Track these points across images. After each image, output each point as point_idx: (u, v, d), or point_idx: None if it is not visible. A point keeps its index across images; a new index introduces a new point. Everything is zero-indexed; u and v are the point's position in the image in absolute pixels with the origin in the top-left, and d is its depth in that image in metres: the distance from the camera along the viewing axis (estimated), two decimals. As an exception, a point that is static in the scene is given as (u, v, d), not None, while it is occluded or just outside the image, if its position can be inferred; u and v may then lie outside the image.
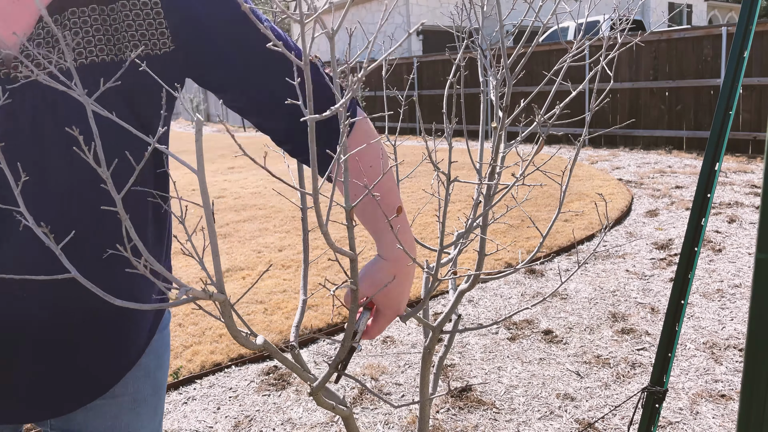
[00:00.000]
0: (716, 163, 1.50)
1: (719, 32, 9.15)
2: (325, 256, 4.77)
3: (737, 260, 4.33)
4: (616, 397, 2.66)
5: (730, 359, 2.93)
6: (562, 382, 2.80)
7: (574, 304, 3.72)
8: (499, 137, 0.88)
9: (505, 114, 0.85)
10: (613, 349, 3.10)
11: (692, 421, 2.45)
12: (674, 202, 6.22)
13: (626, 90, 10.38)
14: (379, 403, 2.72)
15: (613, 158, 9.40)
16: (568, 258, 4.64)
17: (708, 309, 3.52)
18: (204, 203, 0.48)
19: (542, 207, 6.09)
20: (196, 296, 0.57)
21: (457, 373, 2.94)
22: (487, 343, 3.26)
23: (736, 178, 7.24)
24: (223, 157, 12.20)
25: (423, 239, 5.23)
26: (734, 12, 29.51)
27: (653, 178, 7.61)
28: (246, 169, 10.27)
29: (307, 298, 0.93)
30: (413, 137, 13.91)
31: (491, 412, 2.60)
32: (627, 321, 3.42)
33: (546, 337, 3.28)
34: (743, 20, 1.43)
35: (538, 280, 4.19)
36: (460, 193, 6.78)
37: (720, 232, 5.05)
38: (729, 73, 1.48)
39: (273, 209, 6.73)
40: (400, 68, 14.24)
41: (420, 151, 10.34)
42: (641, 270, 4.25)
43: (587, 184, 7.12)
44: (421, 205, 6.43)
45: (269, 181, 8.73)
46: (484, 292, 4.01)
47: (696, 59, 9.47)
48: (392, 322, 3.60)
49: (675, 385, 2.73)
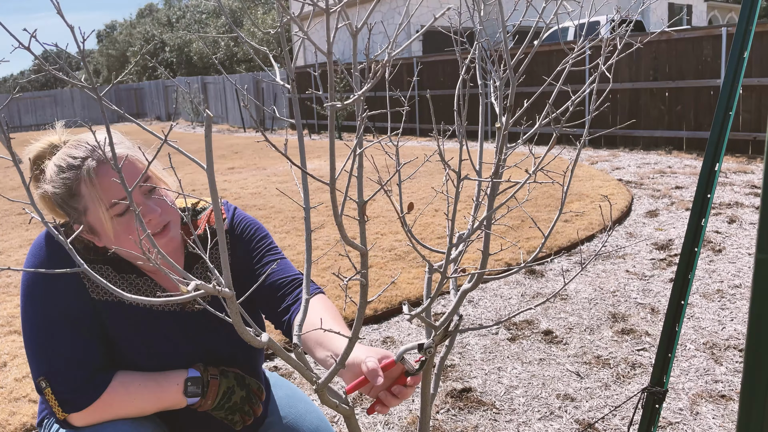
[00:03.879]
0: (716, 163, 1.50)
1: (719, 33, 9.16)
2: (326, 256, 4.77)
3: (737, 261, 4.33)
4: (616, 398, 2.66)
5: (730, 360, 2.93)
6: (562, 383, 2.81)
7: (574, 304, 3.72)
8: (503, 137, 0.89)
9: (508, 114, 0.86)
10: (613, 349, 3.10)
11: (692, 421, 2.46)
12: (674, 203, 6.23)
13: (626, 90, 10.39)
14: (379, 403, 2.72)
15: (614, 159, 9.41)
16: (569, 258, 4.64)
17: (708, 309, 3.53)
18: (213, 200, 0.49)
19: (542, 207, 6.09)
20: (206, 290, 0.58)
21: (457, 374, 2.94)
22: (487, 343, 3.26)
23: (736, 179, 7.24)
24: (223, 157, 12.20)
25: (423, 239, 5.24)
26: (734, 12, 29.52)
27: (653, 178, 7.62)
28: (246, 169, 10.27)
29: (309, 298, 0.93)
30: (414, 137, 13.91)
31: (491, 412, 2.60)
32: (627, 321, 3.42)
33: (546, 338, 3.28)
34: (743, 21, 1.43)
35: (538, 280, 4.19)
36: (461, 193, 6.78)
37: (720, 232, 5.06)
38: (729, 74, 1.48)
39: (273, 209, 6.73)
40: (401, 69, 14.24)
41: (420, 152, 10.34)
42: (641, 270, 4.25)
43: (587, 185, 7.13)
44: (422, 205, 6.43)
45: (269, 182, 8.73)
46: (484, 293, 4.02)
47: (696, 60, 9.48)
48: (392, 323, 3.61)
49: (675, 385, 2.73)
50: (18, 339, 3.49)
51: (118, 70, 41.74)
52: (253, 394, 1.39)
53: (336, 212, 0.62)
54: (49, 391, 1.25)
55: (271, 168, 10.21)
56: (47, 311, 1.28)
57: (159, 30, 39.38)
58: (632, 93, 10.34)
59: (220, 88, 22.79)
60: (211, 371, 1.35)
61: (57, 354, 1.26)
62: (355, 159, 0.64)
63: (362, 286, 0.76)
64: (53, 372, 1.25)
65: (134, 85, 30.34)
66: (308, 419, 1.59)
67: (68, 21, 0.69)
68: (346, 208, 6.56)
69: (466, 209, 6.14)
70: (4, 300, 4.18)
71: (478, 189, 0.97)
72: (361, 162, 0.67)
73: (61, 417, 1.27)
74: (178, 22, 39.66)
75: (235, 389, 1.35)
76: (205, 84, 23.72)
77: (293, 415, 1.58)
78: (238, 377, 1.37)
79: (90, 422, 1.27)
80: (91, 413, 1.27)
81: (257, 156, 12.12)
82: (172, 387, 1.31)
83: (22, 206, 7.55)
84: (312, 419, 1.59)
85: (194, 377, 1.32)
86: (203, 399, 1.32)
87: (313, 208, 0.74)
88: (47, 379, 1.25)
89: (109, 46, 43.82)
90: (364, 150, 0.66)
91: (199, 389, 1.32)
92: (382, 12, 20.43)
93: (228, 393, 1.34)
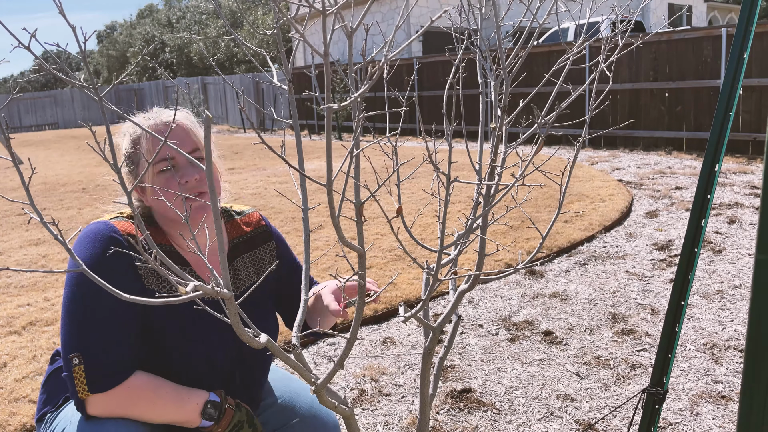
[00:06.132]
0: (716, 164, 1.50)
1: (719, 33, 9.16)
2: (325, 257, 4.77)
3: (737, 261, 4.33)
4: (616, 398, 2.66)
5: (731, 360, 2.93)
6: (562, 383, 2.80)
7: (574, 305, 3.72)
8: (498, 138, 0.88)
9: (503, 114, 0.86)
10: (614, 350, 3.10)
11: (692, 422, 2.46)
12: (674, 203, 6.23)
13: (626, 91, 10.39)
14: (379, 404, 2.72)
15: (613, 159, 9.41)
16: (569, 259, 4.64)
17: (708, 310, 3.53)
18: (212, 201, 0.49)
19: (542, 208, 6.09)
20: (205, 291, 0.58)
21: (457, 374, 2.94)
22: (487, 344, 3.26)
23: (736, 179, 7.24)
24: (222, 158, 12.17)
25: (423, 240, 5.24)
26: (734, 13, 29.52)
27: (653, 179, 7.62)
28: (246, 170, 10.27)
29: (308, 299, 0.93)
30: (413, 138, 13.91)
31: (491, 413, 2.60)
32: (627, 322, 3.42)
33: (546, 338, 3.28)
34: (743, 21, 1.43)
35: (538, 281, 4.19)
36: (460, 194, 6.78)
37: (720, 233, 5.06)
38: (729, 74, 1.48)
39: (273, 210, 6.73)
40: (401, 69, 14.25)
41: (420, 152, 10.35)
42: (641, 271, 4.25)
43: (587, 185, 7.12)
44: (422, 206, 6.43)
45: (269, 182, 8.73)
46: (484, 293, 4.01)
47: (696, 60, 9.48)
48: (392, 323, 3.60)
49: (675, 386, 2.73)
50: (18, 339, 3.49)
51: (119, 71, 41.75)
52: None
53: (333, 213, 0.62)
54: (81, 368, 1.26)
55: (271, 168, 10.21)
56: (97, 294, 1.30)
57: (159, 31, 39.38)
58: (632, 93, 10.34)
59: (220, 88, 22.80)
60: (228, 401, 1.38)
61: (97, 334, 1.28)
62: (352, 160, 0.64)
63: (360, 287, 0.76)
64: (89, 349, 1.27)
65: (134, 85, 30.35)
66: (303, 396, 1.64)
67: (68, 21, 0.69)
68: (345, 209, 6.55)
69: (466, 210, 6.14)
70: (4, 300, 4.18)
71: (477, 190, 0.97)
72: (358, 163, 0.67)
73: (83, 397, 1.27)
74: (179, 22, 39.66)
75: (244, 425, 1.38)
76: (205, 84, 23.73)
77: (289, 394, 1.63)
78: (249, 414, 1.40)
79: (108, 411, 1.28)
80: (113, 400, 1.28)
81: (257, 156, 12.12)
82: (192, 404, 1.34)
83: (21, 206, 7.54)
84: (307, 395, 1.63)
85: (214, 401, 1.36)
86: (216, 425, 1.34)
87: (311, 209, 0.74)
88: (82, 355, 1.26)
89: (109, 46, 43.84)
90: (360, 151, 0.66)
91: (216, 414, 1.34)
92: (383, 12, 20.44)
93: (237, 427, 1.37)
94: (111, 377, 1.27)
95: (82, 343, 1.27)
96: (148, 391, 1.31)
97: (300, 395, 1.63)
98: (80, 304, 1.29)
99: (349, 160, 0.61)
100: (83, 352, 1.27)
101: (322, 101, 0.69)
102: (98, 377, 1.26)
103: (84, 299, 1.29)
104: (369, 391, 2.83)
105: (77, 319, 1.29)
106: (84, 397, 1.27)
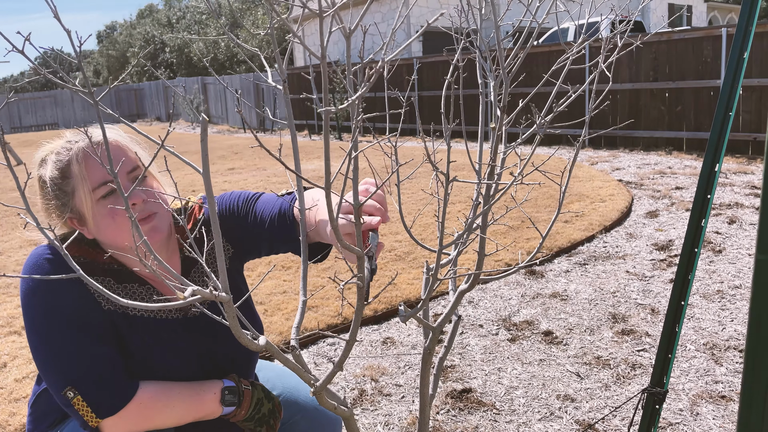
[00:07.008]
0: (716, 164, 1.50)
1: (719, 33, 9.16)
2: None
3: (737, 261, 4.33)
4: (616, 398, 2.66)
5: (731, 360, 2.93)
6: (563, 383, 2.80)
7: (575, 305, 3.72)
8: (497, 137, 0.88)
9: (503, 114, 0.85)
10: (614, 350, 3.10)
11: (692, 422, 2.45)
12: (674, 203, 6.23)
13: (626, 91, 10.38)
14: (378, 405, 2.72)
15: (613, 159, 9.41)
16: (569, 259, 4.64)
17: (708, 310, 3.52)
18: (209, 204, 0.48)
19: (542, 208, 6.09)
20: (203, 296, 0.57)
21: (457, 374, 2.94)
22: (487, 344, 3.26)
23: (736, 179, 7.24)
24: (223, 158, 12.20)
25: (423, 240, 5.23)
26: (734, 13, 29.52)
27: (653, 179, 7.61)
28: (246, 170, 10.27)
29: (307, 299, 0.93)
30: (414, 138, 13.91)
31: (491, 413, 2.60)
32: (627, 322, 3.42)
33: (546, 338, 3.28)
34: (743, 21, 1.43)
35: (538, 281, 4.19)
36: (459, 194, 6.78)
37: (720, 233, 5.05)
38: (729, 74, 1.48)
39: (273, 210, 6.72)
40: (401, 69, 14.25)
41: (420, 152, 10.35)
42: (641, 271, 4.25)
43: (587, 185, 7.12)
44: (422, 206, 6.43)
45: (269, 182, 8.73)
46: (484, 293, 4.01)
47: (696, 60, 9.47)
48: (392, 324, 3.60)
49: (675, 386, 2.73)
50: (18, 339, 3.49)
51: (119, 71, 41.73)
52: (276, 409, 1.40)
53: (331, 215, 0.62)
54: (79, 399, 1.19)
55: (272, 168, 10.21)
56: (59, 321, 1.23)
57: (159, 31, 39.38)
58: (632, 93, 10.33)
59: (220, 88, 22.80)
60: (243, 382, 1.36)
61: (80, 360, 1.21)
62: (350, 162, 0.64)
63: (359, 289, 0.76)
64: (80, 377, 1.20)
65: (134, 85, 30.34)
66: (303, 389, 1.62)
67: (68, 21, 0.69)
68: (346, 209, 6.56)
69: (466, 210, 6.14)
70: (4, 300, 4.18)
71: (477, 190, 0.97)
72: (357, 165, 0.67)
73: (94, 425, 1.21)
74: (178, 22, 39.66)
75: (263, 401, 1.36)
76: (205, 84, 23.73)
77: (288, 389, 1.62)
78: (265, 390, 1.39)
79: (127, 430, 1.23)
80: (129, 419, 1.22)
81: (257, 156, 12.12)
82: (209, 396, 1.31)
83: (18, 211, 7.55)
84: (307, 388, 1.62)
85: (230, 387, 1.33)
86: (238, 408, 1.33)
87: (309, 210, 0.74)
88: (74, 386, 1.19)
89: (110, 46, 43.84)
90: (359, 152, 0.66)
91: (236, 398, 1.33)
92: (382, 13, 20.44)
93: (258, 404, 1.35)
94: (114, 397, 1.22)
95: (70, 373, 1.20)
96: (161, 399, 1.26)
97: (300, 390, 1.62)
98: (49, 336, 1.22)
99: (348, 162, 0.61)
100: (74, 382, 1.20)
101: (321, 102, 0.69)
102: (101, 401, 1.21)
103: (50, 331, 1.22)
104: (369, 391, 2.82)
105: (53, 351, 1.22)
106: (95, 425, 1.21)
